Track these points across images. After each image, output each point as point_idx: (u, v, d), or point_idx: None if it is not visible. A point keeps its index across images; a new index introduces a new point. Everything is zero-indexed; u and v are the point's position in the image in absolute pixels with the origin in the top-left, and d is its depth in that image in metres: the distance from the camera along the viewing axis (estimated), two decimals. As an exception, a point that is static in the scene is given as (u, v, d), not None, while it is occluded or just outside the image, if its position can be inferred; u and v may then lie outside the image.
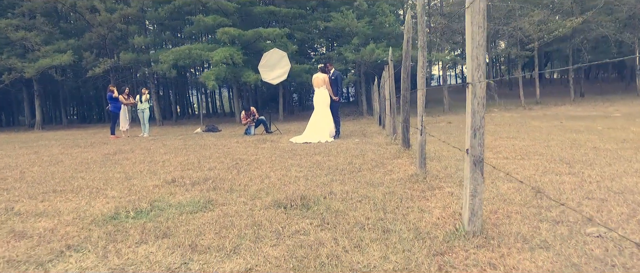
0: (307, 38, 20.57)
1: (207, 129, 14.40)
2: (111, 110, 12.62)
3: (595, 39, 22.20)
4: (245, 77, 17.41)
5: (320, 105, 9.16)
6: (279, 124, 18.44)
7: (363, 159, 5.38)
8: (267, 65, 11.00)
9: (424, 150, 3.98)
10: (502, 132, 9.26)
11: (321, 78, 9.08)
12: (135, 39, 18.26)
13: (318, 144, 7.98)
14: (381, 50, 17.19)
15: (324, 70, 9.21)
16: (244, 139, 9.77)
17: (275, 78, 11.13)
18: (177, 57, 16.76)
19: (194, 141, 9.87)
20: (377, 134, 10.15)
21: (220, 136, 11.48)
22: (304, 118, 24.25)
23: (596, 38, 22.41)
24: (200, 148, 7.77)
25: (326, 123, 9.05)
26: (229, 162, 5.62)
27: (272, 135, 10.99)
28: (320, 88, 9.12)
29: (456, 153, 5.49)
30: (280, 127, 16.40)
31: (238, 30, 17.17)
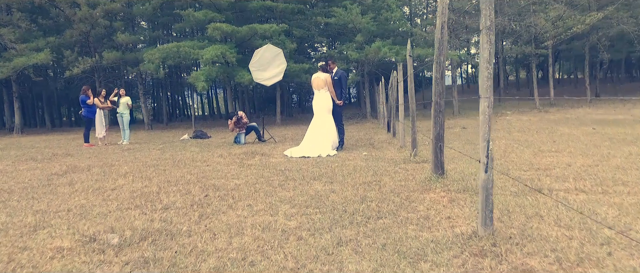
0: (306, 35, 19.10)
1: (194, 135, 12.95)
2: (84, 116, 11.16)
3: (613, 36, 20.71)
4: (240, 78, 15.95)
5: (320, 110, 7.70)
6: (276, 128, 17.01)
7: (380, 191, 3.92)
8: (259, 64, 9.54)
9: (491, 197, 2.50)
10: (534, 141, 7.79)
11: (322, 78, 7.63)
12: (119, 36, 16.79)
13: (318, 159, 6.52)
14: (387, 49, 15.73)
15: (325, 69, 7.75)
16: (231, 150, 8.31)
17: (269, 78, 9.67)
18: (164, 56, 15.30)
19: (172, 153, 8.41)
20: (387, 143, 8.69)
21: (206, 145, 10.02)
22: (304, 121, 22.70)
23: (614, 35, 20.94)
24: (173, 166, 6.31)
25: (328, 132, 7.60)
26: (197, 193, 4.17)
27: (265, 144, 9.54)
28: (320, 90, 7.67)
29: (504, 182, 4.03)
30: (276, 133, 14.95)
31: (231, 27, 15.72)
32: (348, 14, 16.52)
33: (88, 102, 10.95)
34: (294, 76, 18.04)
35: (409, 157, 6.08)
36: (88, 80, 20.30)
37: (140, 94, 19.35)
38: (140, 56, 15.87)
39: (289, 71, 16.71)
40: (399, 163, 5.81)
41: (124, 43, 17.41)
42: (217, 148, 8.97)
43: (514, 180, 4.00)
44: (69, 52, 16.91)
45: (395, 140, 9.13)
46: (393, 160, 6.11)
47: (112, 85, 22.20)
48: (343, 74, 7.94)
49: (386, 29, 17.82)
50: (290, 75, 17.78)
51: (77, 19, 16.52)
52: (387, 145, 8.30)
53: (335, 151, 7.41)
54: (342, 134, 8.01)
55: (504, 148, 7.05)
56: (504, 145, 7.64)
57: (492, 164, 2.44)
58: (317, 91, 7.72)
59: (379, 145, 8.36)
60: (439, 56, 3.95)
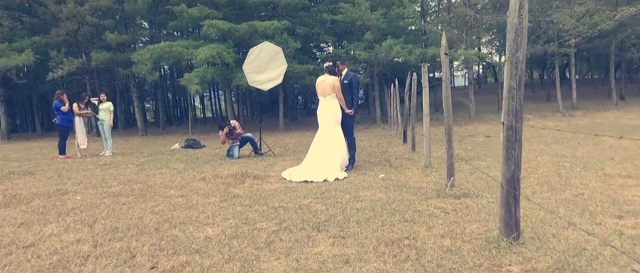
0: (311, 34, 17.70)
1: (186, 145, 11.61)
2: (59, 124, 9.85)
3: None
4: (238, 80, 14.59)
5: (327, 121, 6.31)
6: (278, 135, 15.61)
7: (419, 262, 2.53)
8: (255, 65, 8.15)
9: None
10: (587, 158, 6.33)
11: (329, 83, 6.23)
12: (108, 35, 15.50)
13: (324, 186, 5.13)
14: (399, 48, 14.27)
15: (333, 71, 6.36)
16: (220, 169, 6.94)
17: (266, 82, 8.28)
18: (155, 56, 13.97)
19: (149, 172, 7.06)
20: (406, 159, 7.28)
21: (194, 159, 8.66)
22: (309, 126, 21.17)
23: None
24: (138, 197, 4.94)
25: (335, 148, 6.20)
26: (144, 260, 2.80)
27: (262, 158, 8.15)
28: (327, 97, 6.28)
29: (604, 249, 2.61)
30: (278, 140, 13.58)
31: (229, 24, 14.36)
32: (356, 11, 15.11)
33: (63, 109, 9.64)
34: (298, 78, 16.66)
35: (444, 188, 4.66)
36: (78, 83, 19.08)
37: (134, 97, 18.05)
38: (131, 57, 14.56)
39: (293, 73, 15.35)
40: (431, 195, 4.40)
41: (114, 43, 16.10)
42: (204, 165, 7.60)
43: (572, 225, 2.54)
44: (54, 52, 15.64)
45: (415, 155, 7.71)
46: (422, 190, 4.70)
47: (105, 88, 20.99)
48: (354, 77, 6.54)
49: (397, 27, 16.39)
50: (294, 77, 16.41)
51: (63, 16, 15.26)
52: (407, 162, 6.89)
53: (345, 172, 6.01)
54: (353, 150, 6.62)
55: (556, 170, 5.61)
56: (550, 163, 6.20)
57: None
58: (322, 98, 6.33)
59: (397, 162, 6.95)
60: (515, 52, 2.53)
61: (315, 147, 6.32)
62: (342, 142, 6.34)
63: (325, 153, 6.14)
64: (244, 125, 22.91)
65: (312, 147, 6.38)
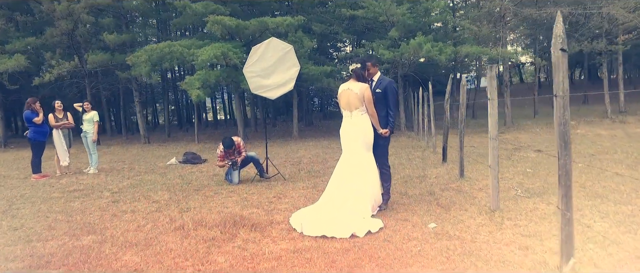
0: (328, 32, 15.97)
1: (184, 159, 10.03)
2: (30, 138, 8.37)
3: None
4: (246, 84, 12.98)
5: (354, 145, 4.57)
6: (292, 143, 13.93)
7: None
8: (259, 68, 6.47)
9: None
10: None
11: (356, 92, 4.50)
12: (106, 35, 14.07)
13: (352, 247, 3.41)
14: (430, 46, 12.41)
15: (361, 75, 4.61)
16: (211, 205, 5.29)
17: (274, 88, 6.59)
18: (153, 57, 12.44)
19: (121, 207, 5.44)
20: (455, 191, 5.51)
21: (181, 186, 7.03)
22: (327, 133, 19.24)
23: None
24: (72, 268, 3.31)
25: (366, 184, 4.47)
26: None
27: (268, 184, 6.47)
28: (353, 111, 4.55)
29: None
30: (292, 150, 11.89)
31: (236, 20, 12.76)
32: (380, 5, 13.32)
33: (36, 120, 8.16)
34: (314, 81, 14.97)
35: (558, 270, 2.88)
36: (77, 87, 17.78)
37: (136, 102, 16.63)
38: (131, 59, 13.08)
39: (308, 75, 13.66)
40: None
41: (112, 43, 14.67)
42: (193, 195, 5.95)
43: None
44: (49, 54, 14.30)
45: (466, 185, 5.91)
46: (510, 266, 2.94)
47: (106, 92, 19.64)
48: (390, 84, 4.78)
49: (425, 23, 14.57)
50: (309, 80, 14.73)
51: (57, 15, 13.91)
52: (460, 199, 5.10)
53: (378, 219, 4.27)
54: (387, 181, 4.87)
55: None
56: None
57: None
58: (347, 113, 4.61)
59: (446, 197, 5.18)
60: None
61: (337, 181, 4.59)
62: (375, 174, 4.60)
63: (351, 191, 4.41)
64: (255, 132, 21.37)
65: (334, 180, 4.66)
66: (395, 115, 4.75)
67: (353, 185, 4.44)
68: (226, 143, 6.46)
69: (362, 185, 4.44)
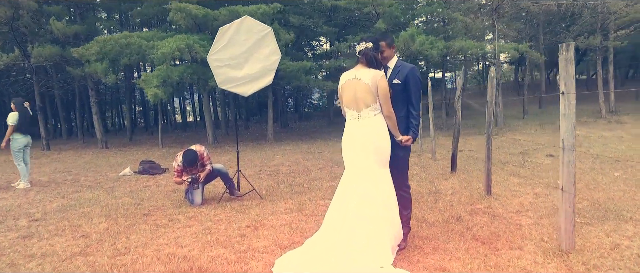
0: (307, 24, 14.54)
1: (140, 170, 8.39)
2: None
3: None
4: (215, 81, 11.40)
5: (363, 159, 3.13)
6: (267, 148, 12.33)
7: None
8: (228, 54, 4.97)
9: None
10: None
11: (367, 83, 3.09)
12: (53, 23, 12.10)
13: None
14: (423, 38, 11.16)
15: (372, 58, 3.20)
16: (159, 241, 3.79)
17: (247, 83, 5.11)
18: (107, 49, 10.68)
19: (33, 243, 3.86)
20: (489, 216, 4.20)
21: (127, 208, 5.45)
22: (304, 136, 17.74)
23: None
24: None
25: (382, 217, 3.08)
26: None
27: (239, 205, 4.99)
28: (363, 110, 3.14)
29: None
30: (268, 155, 10.28)
31: (203, 9, 11.15)
32: (365, -6, 12.04)
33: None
34: (291, 78, 13.52)
35: None
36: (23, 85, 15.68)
37: (92, 102, 14.69)
38: (80, 51, 11.22)
39: (285, 71, 12.20)
40: None
41: (62, 35, 12.74)
42: (139, 225, 4.40)
43: None
44: (-14, 47, 12.29)
45: (495, 203, 4.61)
46: None
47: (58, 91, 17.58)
48: (413, 72, 3.39)
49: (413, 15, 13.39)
50: (286, 77, 13.26)
51: (-5, 1, 11.92)
52: (499, 227, 3.79)
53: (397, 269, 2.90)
54: (408, 208, 3.50)
55: None
56: None
57: None
58: (353, 113, 3.20)
59: (480, 226, 3.86)
60: None
61: (341, 211, 3.18)
62: (394, 200, 3.22)
63: (363, 226, 3.02)
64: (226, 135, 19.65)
65: (335, 208, 3.24)
66: (418, 115, 3.38)
67: (364, 217, 3.05)
68: (188, 158, 4.94)
69: (377, 218, 3.05)
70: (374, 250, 2.94)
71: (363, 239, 2.98)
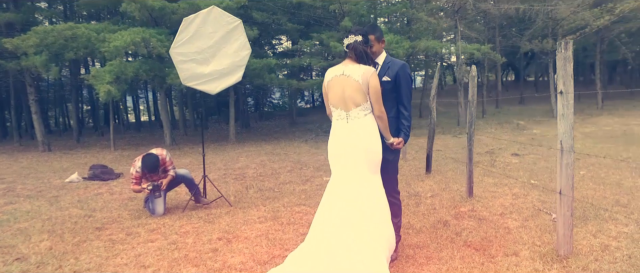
0: (270, 21, 14.09)
1: (91, 175, 7.65)
2: None
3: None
4: (174, 78, 10.74)
5: (353, 165, 2.82)
6: (229, 149, 11.72)
7: None
8: (193, 47, 4.50)
9: None
10: None
11: (356, 80, 2.79)
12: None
13: None
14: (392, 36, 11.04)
15: (362, 53, 2.91)
16: (124, 250, 3.31)
17: (214, 79, 4.67)
18: (48, 41, 9.70)
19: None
20: (475, 219, 4.04)
21: (67, 223, 4.86)
22: (267, 136, 17.19)
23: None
24: None
25: (376, 225, 2.78)
26: None
27: (207, 214, 4.55)
28: (352, 110, 2.84)
29: None
30: (232, 160, 9.55)
31: (160, 1, 10.45)
32: (332, -10, 11.77)
33: None
34: (255, 76, 13.03)
35: None
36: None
37: (31, 101, 13.43)
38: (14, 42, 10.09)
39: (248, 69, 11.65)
40: None
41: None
42: (93, 239, 3.87)
43: None
44: None
45: (478, 205, 4.48)
46: None
47: None
48: (404, 69, 3.13)
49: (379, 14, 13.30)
50: (249, 75, 12.76)
51: None
52: (489, 231, 3.63)
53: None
54: (398, 216, 3.25)
55: None
56: None
57: None
58: (341, 113, 2.89)
59: (469, 231, 3.69)
60: None
61: (329, 222, 2.85)
62: (387, 209, 2.94)
63: (355, 237, 2.72)
64: (185, 136, 18.74)
65: (323, 219, 2.90)
66: (409, 115, 3.13)
67: (356, 228, 2.75)
68: (148, 163, 4.43)
69: (370, 228, 2.76)
70: (368, 264, 2.65)
71: (356, 252, 2.68)
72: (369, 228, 2.76)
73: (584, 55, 20.68)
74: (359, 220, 2.76)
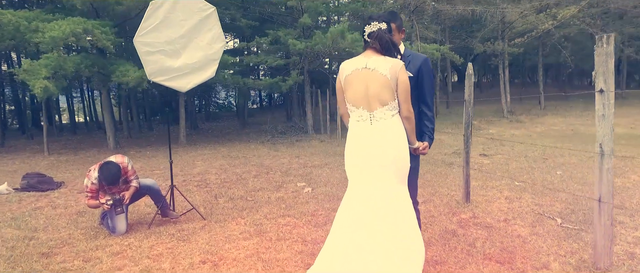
0: (223, 16, 13.28)
1: (26, 185, 6.58)
2: None
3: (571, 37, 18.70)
4: (121, 75, 9.71)
5: (379, 173, 2.37)
6: (181, 153, 10.74)
7: None
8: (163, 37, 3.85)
9: None
10: None
11: (384, 74, 2.35)
12: None
13: None
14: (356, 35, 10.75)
15: (388, 42, 2.48)
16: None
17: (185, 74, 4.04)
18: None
19: None
20: (483, 227, 3.78)
21: (21, 238, 4.01)
22: (222, 137, 16.24)
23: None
24: None
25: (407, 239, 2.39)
26: None
27: (180, 230, 3.90)
28: (378, 110, 2.40)
29: None
30: (187, 165, 8.60)
31: (103, -10, 9.37)
32: (288, -16, 11.25)
33: None
34: (208, 74, 12.17)
35: None
36: None
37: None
38: None
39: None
40: None
41: None
42: (38, 269, 3.12)
43: None
44: None
45: (479, 212, 4.24)
46: None
47: None
48: (427, 64, 2.75)
49: (337, 11, 12.97)
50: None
51: None
52: (503, 240, 3.38)
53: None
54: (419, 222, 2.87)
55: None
56: None
57: None
58: (363, 113, 2.44)
59: (483, 241, 3.41)
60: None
61: (353, 241, 2.39)
62: (417, 224, 2.54)
63: (391, 260, 2.29)
64: (129, 138, 17.27)
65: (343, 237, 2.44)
66: (433, 116, 2.77)
67: (389, 248, 2.32)
68: (108, 175, 3.71)
69: (404, 248, 2.35)
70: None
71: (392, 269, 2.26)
72: (403, 248, 2.35)
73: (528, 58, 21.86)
74: (392, 239, 2.34)
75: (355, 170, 2.49)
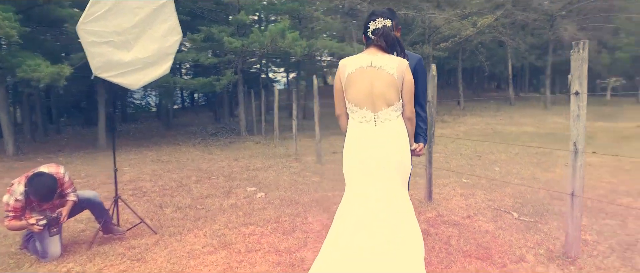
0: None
1: None
2: None
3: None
4: (29, 70, 8.51)
5: (384, 177, 2.26)
6: (103, 158, 9.59)
7: None
8: (112, 25, 3.34)
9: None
10: None
11: (391, 73, 2.24)
12: None
13: None
14: (296, 34, 10.52)
15: (393, 40, 2.37)
16: None
17: (137, 69, 3.56)
18: None
19: None
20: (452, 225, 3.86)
21: None
22: (145, 139, 14.95)
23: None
24: None
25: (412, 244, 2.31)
26: None
27: (130, 248, 3.43)
28: (384, 110, 2.28)
29: None
30: (110, 165, 7.85)
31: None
32: (225, -19, 10.72)
33: None
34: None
35: None
36: None
37: None
38: None
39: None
40: None
41: None
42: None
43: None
44: None
45: (443, 210, 4.33)
46: None
47: None
48: (421, 64, 2.72)
49: (274, 9, 12.64)
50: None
51: None
52: (475, 236, 3.47)
53: None
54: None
55: None
56: None
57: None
58: (367, 113, 2.30)
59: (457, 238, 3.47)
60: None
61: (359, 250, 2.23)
62: (416, 224, 2.46)
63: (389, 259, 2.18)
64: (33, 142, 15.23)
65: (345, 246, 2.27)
66: (426, 116, 2.74)
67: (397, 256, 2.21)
68: (42, 189, 3.11)
69: (411, 254, 2.26)
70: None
71: None
72: (410, 254, 2.25)
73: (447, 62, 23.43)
74: (399, 246, 2.23)
75: (360, 174, 2.34)
